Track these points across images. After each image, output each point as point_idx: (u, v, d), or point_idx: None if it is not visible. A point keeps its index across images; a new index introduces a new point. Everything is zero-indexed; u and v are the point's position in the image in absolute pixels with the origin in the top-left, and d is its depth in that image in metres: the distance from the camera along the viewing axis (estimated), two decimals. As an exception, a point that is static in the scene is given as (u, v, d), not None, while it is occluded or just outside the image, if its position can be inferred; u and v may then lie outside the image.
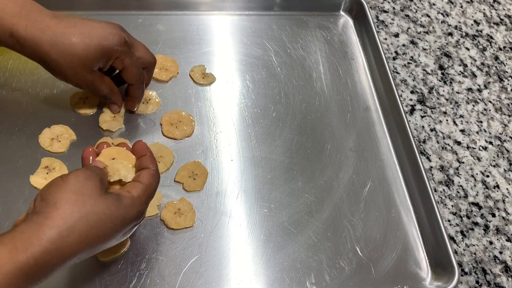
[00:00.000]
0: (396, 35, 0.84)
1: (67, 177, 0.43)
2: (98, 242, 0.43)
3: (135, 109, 0.64)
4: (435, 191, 0.66)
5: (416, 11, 0.88)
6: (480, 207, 0.66)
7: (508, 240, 0.64)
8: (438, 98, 0.77)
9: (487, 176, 0.69)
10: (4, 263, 0.37)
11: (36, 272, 0.39)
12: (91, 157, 0.49)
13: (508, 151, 0.72)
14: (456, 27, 0.87)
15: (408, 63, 0.80)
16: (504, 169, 0.70)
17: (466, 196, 0.67)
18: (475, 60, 0.83)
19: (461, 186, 0.68)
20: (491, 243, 0.63)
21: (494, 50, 0.85)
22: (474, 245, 0.63)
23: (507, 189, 0.68)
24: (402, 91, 0.76)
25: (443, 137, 0.72)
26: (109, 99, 0.61)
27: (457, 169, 0.69)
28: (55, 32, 0.52)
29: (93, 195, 0.43)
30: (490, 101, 0.78)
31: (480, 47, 0.85)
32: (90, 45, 0.53)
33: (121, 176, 0.48)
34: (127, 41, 0.56)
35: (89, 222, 0.41)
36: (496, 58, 0.84)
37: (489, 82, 0.80)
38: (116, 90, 0.61)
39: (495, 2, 0.93)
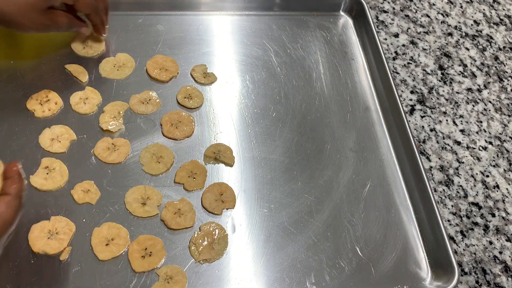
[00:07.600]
0: (396, 35, 0.84)
1: None
2: None
3: (103, 35, 0.69)
4: (435, 191, 0.66)
5: (416, 11, 0.88)
6: (480, 207, 0.66)
7: (508, 240, 0.64)
8: (438, 98, 0.77)
9: (487, 176, 0.69)
10: None
11: None
12: None
13: (508, 151, 0.72)
14: (456, 27, 0.87)
15: (408, 63, 0.80)
16: (504, 169, 0.70)
17: (466, 196, 0.67)
18: (475, 60, 0.83)
19: (461, 186, 0.68)
20: (491, 243, 0.63)
21: (494, 50, 0.85)
22: (474, 245, 0.63)
23: (507, 189, 0.68)
24: (402, 91, 0.76)
25: (443, 137, 0.72)
26: (72, 28, 0.65)
27: (457, 169, 0.69)
28: None
29: None
30: (490, 101, 0.78)
31: (480, 47, 0.85)
32: None
33: None
34: None
35: None
36: (496, 58, 0.84)
37: (489, 82, 0.80)
38: (73, 17, 0.64)
39: (495, 2, 0.93)
